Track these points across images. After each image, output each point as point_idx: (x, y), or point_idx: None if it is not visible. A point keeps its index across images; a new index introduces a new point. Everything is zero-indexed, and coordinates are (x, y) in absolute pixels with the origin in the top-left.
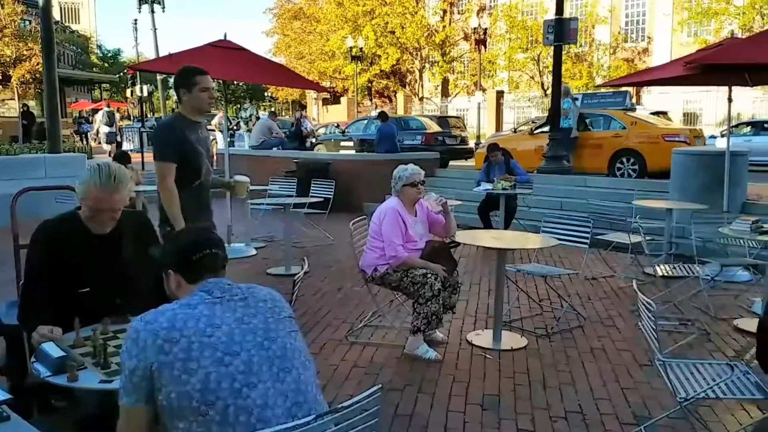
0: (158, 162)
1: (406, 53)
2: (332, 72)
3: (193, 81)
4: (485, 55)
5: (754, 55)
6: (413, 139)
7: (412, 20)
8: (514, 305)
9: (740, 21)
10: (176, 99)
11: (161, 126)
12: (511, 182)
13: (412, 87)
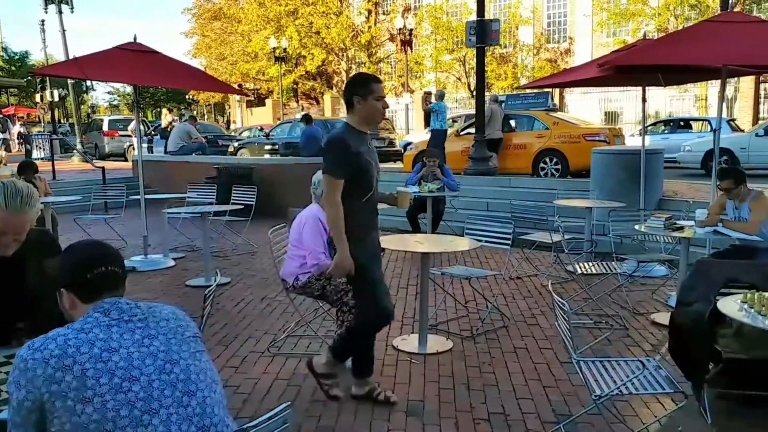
0: (327, 176)
1: (331, 54)
2: (255, 73)
3: (370, 89)
4: (412, 56)
5: (664, 57)
6: None
7: (337, 21)
8: (440, 308)
9: (656, 22)
10: (345, 106)
11: (334, 140)
12: (439, 185)
13: (339, 88)
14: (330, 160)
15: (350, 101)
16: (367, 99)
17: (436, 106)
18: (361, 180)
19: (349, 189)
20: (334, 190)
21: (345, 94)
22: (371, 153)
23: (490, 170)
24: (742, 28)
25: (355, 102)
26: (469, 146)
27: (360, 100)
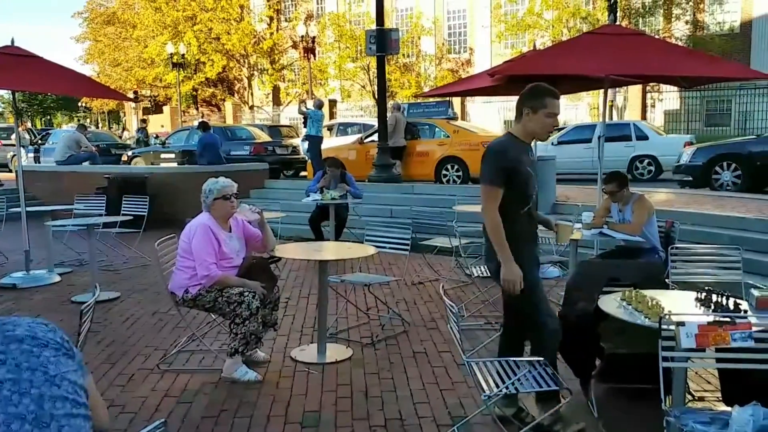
0: (485, 185)
1: (232, 60)
2: (152, 80)
3: (543, 102)
4: (316, 64)
5: (551, 67)
6: (241, 150)
7: (238, 27)
8: (341, 316)
9: (550, 33)
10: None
11: (495, 148)
12: (342, 192)
13: (241, 95)
14: (487, 168)
15: (520, 111)
16: (537, 113)
17: (312, 114)
18: (519, 190)
19: (507, 199)
20: (491, 200)
21: (518, 103)
22: (533, 165)
23: (394, 177)
24: (623, 40)
25: (524, 113)
26: (373, 154)
27: (530, 112)
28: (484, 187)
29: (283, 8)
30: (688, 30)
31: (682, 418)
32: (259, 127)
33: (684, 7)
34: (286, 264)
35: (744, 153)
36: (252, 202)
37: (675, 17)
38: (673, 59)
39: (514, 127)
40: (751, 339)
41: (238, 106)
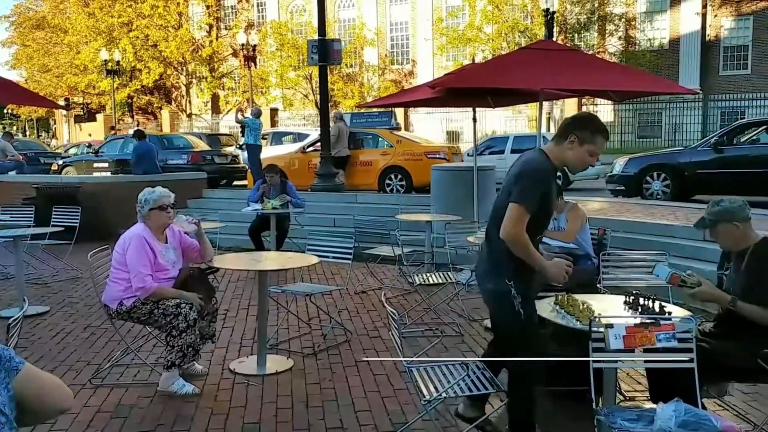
0: (519, 205)
1: (170, 68)
2: (85, 87)
3: (593, 139)
4: (257, 72)
5: (488, 80)
6: (179, 159)
7: (176, 34)
8: (282, 327)
9: (490, 47)
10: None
11: (537, 168)
12: (283, 201)
13: (178, 103)
14: (526, 188)
15: (565, 134)
16: (582, 145)
17: (250, 122)
18: (541, 217)
19: (528, 225)
20: (521, 223)
21: (563, 125)
22: (555, 192)
23: (338, 186)
24: (557, 55)
25: (569, 138)
26: (316, 163)
27: (575, 140)
28: (517, 207)
29: (223, 16)
30: (621, 45)
31: (611, 416)
32: (197, 135)
33: (617, 23)
34: (225, 275)
35: (672, 163)
36: (190, 212)
37: (609, 33)
38: (603, 74)
39: (551, 147)
40: (675, 339)
41: (176, 114)
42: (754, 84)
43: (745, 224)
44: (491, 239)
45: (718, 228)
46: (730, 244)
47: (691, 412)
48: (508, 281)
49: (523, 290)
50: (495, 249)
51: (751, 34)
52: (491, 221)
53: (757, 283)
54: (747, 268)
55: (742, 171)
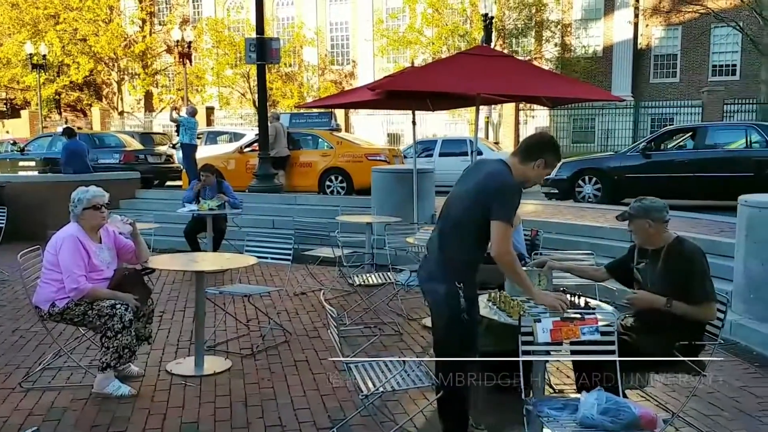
0: (504, 223)
1: (101, 64)
2: (8, 81)
3: (554, 164)
4: (192, 70)
5: (428, 84)
6: (110, 158)
7: (107, 28)
8: (219, 328)
9: (431, 50)
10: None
11: (511, 182)
12: (220, 202)
13: (110, 100)
14: (508, 205)
15: (534, 155)
16: (545, 168)
17: (185, 121)
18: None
19: (487, 233)
20: (508, 239)
21: (535, 146)
22: None
23: (276, 188)
24: (493, 61)
25: (537, 161)
26: (254, 163)
27: (542, 164)
28: (503, 224)
29: (157, 11)
30: (557, 52)
31: (538, 406)
32: (130, 134)
33: (553, 30)
34: (162, 276)
35: (603, 168)
36: (122, 212)
37: (546, 39)
38: (536, 81)
39: (516, 163)
40: (598, 332)
41: (107, 112)
42: (682, 91)
43: (659, 224)
44: (447, 248)
45: (634, 222)
46: (642, 240)
47: (612, 400)
48: (458, 283)
49: (470, 295)
50: (451, 258)
51: (679, 43)
52: (452, 231)
53: (684, 282)
54: (666, 267)
55: (669, 175)
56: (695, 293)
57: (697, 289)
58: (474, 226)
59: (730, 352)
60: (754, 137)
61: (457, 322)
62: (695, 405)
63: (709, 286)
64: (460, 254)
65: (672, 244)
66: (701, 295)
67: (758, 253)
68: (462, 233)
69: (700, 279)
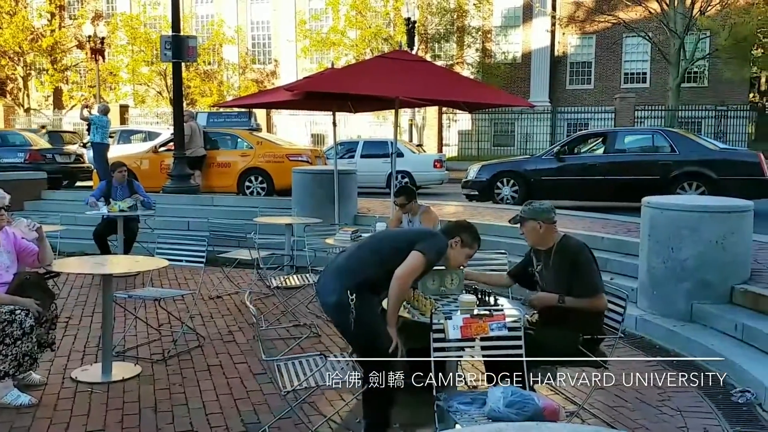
0: (425, 257)
1: (4, 58)
2: None
3: (472, 245)
4: (105, 66)
5: (347, 86)
6: (15, 157)
7: (11, 21)
8: (129, 333)
9: (354, 52)
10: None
11: (443, 238)
12: (132, 202)
13: (14, 96)
14: (436, 244)
15: (452, 233)
16: (461, 247)
17: (97, 119)
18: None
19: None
20: (416, 273)
21: (453, 226)
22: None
23: (193, 188)
24: (411, 65)
25: (453, 238)
26: (169, 163)
27: (458, 242)
28: (423, 257)
29: (68, 5)
30: (478, 57)
31: (448, 401)
32: (36, 132)
33: (474, 36)
34: (68, 281)
35: (520, 170)
36: (27, 214)
37: (467, 45)
38: (452, 86)
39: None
40: (506, 328)
41: (11, 109)
42: (596, 98)
43: (548, 225)
44: (353, 263)
45: (525, 224)
46: (534, 241)
47: (517, 393)
48: (350, 294)
49: (363, 303)
50: (353, 271)
51: (594, 52)
52: (367, 255)
53: (571, 276)
54: (555, 264)
55: (581, 178)
56: (582, 286)
57: (584, 282)
58: (397, 256)
59: (634, 346)
60: (660, 142)
61: (351, 329)
62: (600, 397)
63: (595, 278)
64: (365, 270)
65: (559, 243)
66: (589, 286)
67: (660, 251)
68: (375, 259)
69: (586, 271)
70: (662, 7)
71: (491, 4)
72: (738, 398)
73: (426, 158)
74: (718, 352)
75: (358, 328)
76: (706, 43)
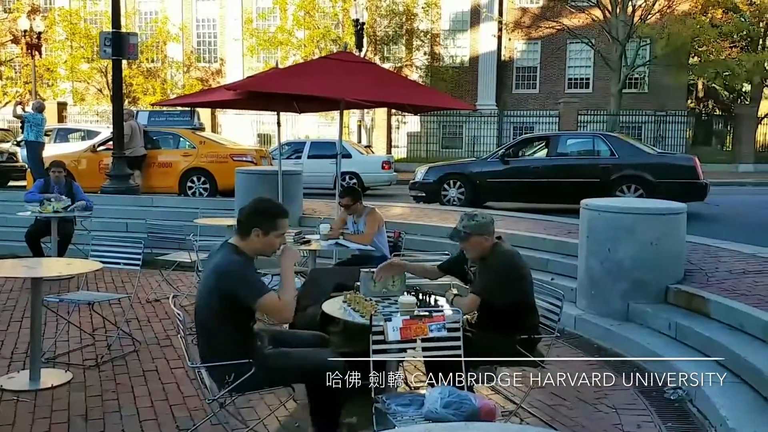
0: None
1: None
2: None
3: (275, 225)
4: (42, 62)
5: (290, 86)
6: None
7: None
8: (61, 339)
9: (302, 52)
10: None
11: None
12: (65, 203)
13: None
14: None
15: (246, 231)
16: (265, 235)
17: (31, 117)
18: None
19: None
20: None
21: (243, 223)
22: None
23: (132, 189)
24: (355, 67)
25: (251, 233)
26: (107, 163)
27: (259, 233)
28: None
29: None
30: (426, 60)
31: (387, 402)
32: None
33: (423, 39)
34: None
35: (466, 173)
36: None
37: (416, 48)
38: (397, 88)
39: (237, 240)
40: (445, 329)
41: None
42: (541, 102)
43: (491, 237)
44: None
45: (471, 239)
46: (476, 254)
47: (455, 393)
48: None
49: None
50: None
51: (539, 57)
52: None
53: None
54: (485, 269)
55: (525, 180)
56: (475, 282)
57: (480, 280)
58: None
59: (573, 345)
60: (600, 146)
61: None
62: (539, 396)
63: (489, 283)
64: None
65: (493, 249)
66: (477, 285)
67: (597, 252)
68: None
69: (491, 274)
70: (605, 14)
71: (439, 8)
72: (670, 395)
73: (374, 159)
74: (652, 350)
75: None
76: (647, 50)
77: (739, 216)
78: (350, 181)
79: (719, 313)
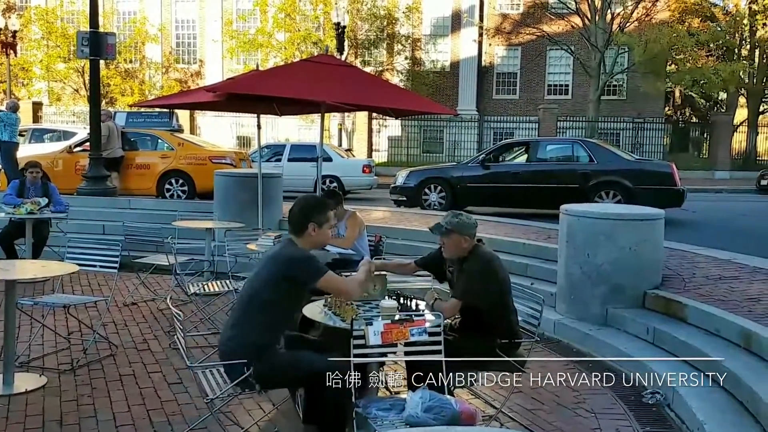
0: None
1: None
2: None
3: (327, 217)
4: (17, 61)
5: (270, 89)
6: None
7: None
8: (35, 342)
9: (283, 55)
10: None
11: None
12: (39, 205)
13: None
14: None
15: (302, 227)
16: (320, 228)
17: (5, 116)
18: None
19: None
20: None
21: (297, 219)
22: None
23: (109, 190)
24: (336, 70)
25: (309, 228)
26: (84, 164)
27: (315, 227)
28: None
29: None
30: (407, 65)
31: (367, 407)
32: None
33: (404, 44)
34: None
35: (447, 177)
36: None
37: (397, 52)
38: (377, 92)
39: (294, 239)
40: (426, 334)
41: None
42: (521, 108)
43: (471, 239)
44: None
45: (451, 236)
46: (453, 253)
47: (436, 397)
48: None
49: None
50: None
51: (519, 63)
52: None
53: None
54: (465, 272)
55: (505, 185)
56: (458, 288)
57: (463, 286)
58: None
59: (552, 350)
60: (579, 152)
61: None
62: (519, 401)
63: (473, 287)
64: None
65: (472, 251)
66: (458, 290)
67: (577, 257)
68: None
69: (473, 279)
70: (584, 22)
71: (421, 13)
72: (648, 399)
73: (355, 163)
74: (630, 354)
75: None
76: (625, 57)
77: (714, 222)
78: (331, 184)
79: (696, 319)
